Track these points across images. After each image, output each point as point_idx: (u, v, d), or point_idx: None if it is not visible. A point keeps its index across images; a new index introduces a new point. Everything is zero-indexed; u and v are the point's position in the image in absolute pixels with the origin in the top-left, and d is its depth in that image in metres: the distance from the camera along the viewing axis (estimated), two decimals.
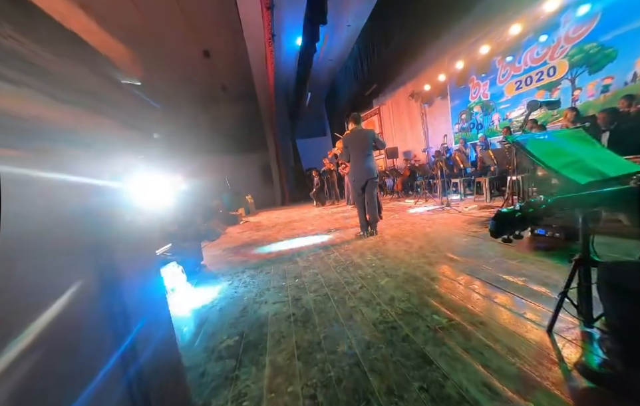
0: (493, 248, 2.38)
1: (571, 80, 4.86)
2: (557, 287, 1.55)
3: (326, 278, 2.28)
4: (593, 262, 1.12)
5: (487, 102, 6.58)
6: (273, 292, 2.16)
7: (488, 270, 1.95)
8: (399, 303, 1.69)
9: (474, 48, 6.16)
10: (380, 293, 1.86)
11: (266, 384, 1.18)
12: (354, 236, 3.61)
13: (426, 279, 1.98)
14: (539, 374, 1.01)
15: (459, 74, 6.80)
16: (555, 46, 4.97)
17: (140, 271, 0.76)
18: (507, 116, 6.11)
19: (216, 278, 2.75)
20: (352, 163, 3.38)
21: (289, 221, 6.40)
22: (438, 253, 2.49)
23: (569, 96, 4.90)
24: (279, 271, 2.66)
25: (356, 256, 2.75)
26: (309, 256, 3.01)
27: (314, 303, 1.85)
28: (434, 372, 1.09)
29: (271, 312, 1.82)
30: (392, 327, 1.44)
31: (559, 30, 4.85)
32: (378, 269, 2.30)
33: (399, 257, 2.52)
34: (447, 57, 7.07)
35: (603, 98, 4.41)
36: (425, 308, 1.58)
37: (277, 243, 4.00)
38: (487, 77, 6.38)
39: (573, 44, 4.70)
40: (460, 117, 7.46)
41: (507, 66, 5.88)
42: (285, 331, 1.57)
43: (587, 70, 4.60)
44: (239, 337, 1.58)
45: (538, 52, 5.26)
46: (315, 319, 1.65)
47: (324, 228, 4.61)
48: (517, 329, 1.28)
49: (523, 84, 5.67)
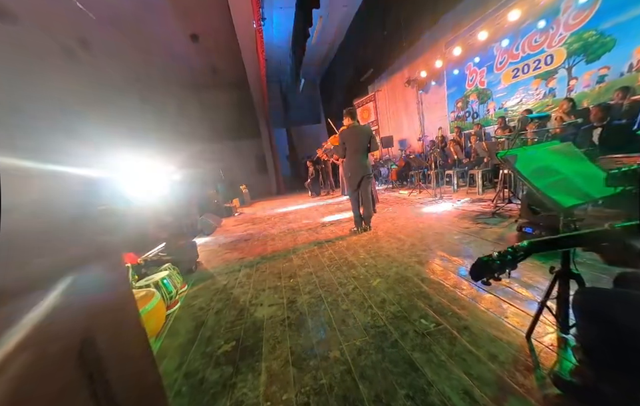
0: (482, 246, 2.45)
1: (568, 69, 4.81)
2: (539, 290, 1.64)
3: (321, 278, 2.34)
4: (572, 275, 1.18)
5: (483, 90, 6.50)
6: (269, 293, 2.22)
7: None
8: (389, 306, 1.75)
9: (471, 33, 5.99)
10: (372, 295, 1.92)
11: (262, 392, 1.24)
12: (348, 231, 3.66)
13: (416, 279, 2.04)
14: (516, 380, 1.09)
15: (456, 59, 6.65)
16: (554, 33, 4.87)
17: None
18: (503, 104, 6.07)
19: (212, 277, 2.80)
20: (348, 159, 3.36)
21: (284, 213, 6.42)
22: (428, 251, 2.56)
23: (565, 85, 4.87)
24: (275, 269, 2.71)
25: (349, 254, 2.80)
26: (303, 253, 3.06)
27: (308, 306, 1.91)
28: (420, 379, 1.17)
29: (267, 316, 1.88)
30: (382, 332, 1.51)
31: (559, 16, 4.74)
32: (370, 269, 2.36)
33: (391, 255, 2.58)
34: (444, 42, 6.88)
35: (598, 88, 4.40)
36: (414, 311, 1.65)
37: (273, 239, 4.04)
38: (485, 64, 6.26)
39: (572, 32, 4.61)
40: (455, 105, 7.38)
41: (505, 53, 5.77)
42: (280, 336, 1.63)
43: (585, 60, 4.55)
44: (235, 342, 1.64)
45: (536, 39, 5.16)
46: (308, 324, 1.71)
47: (319, 222, 4.65)
48: (499, 334, 1.35)
49: (520, 73, 5.59)
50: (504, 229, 2.79)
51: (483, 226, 2.98)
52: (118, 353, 0.68)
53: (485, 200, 4.16)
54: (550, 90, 5.13)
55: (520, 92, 5.68)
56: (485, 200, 4.16)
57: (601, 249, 0.70)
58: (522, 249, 0.69)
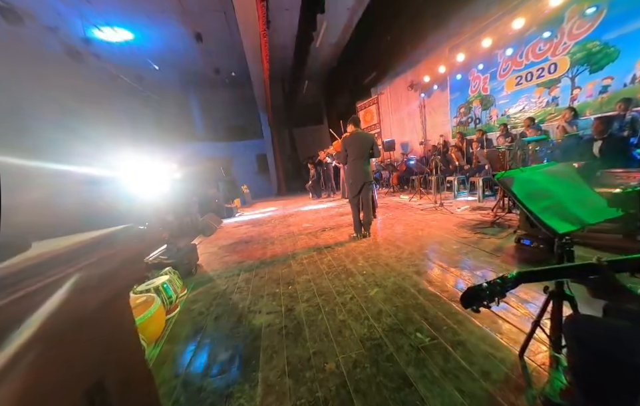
0: (479, 258, 2.47)
1: (571, 78, 4.80)
2: (535, 306, 1.65)
3: (319, 286, 2.36)
4: (565, 296, 1.20)
5: (486, 96, 6.49)
6: (267, 300, 2.24)
7: (473, 282, 2.03)
8: (386, 318, 1.77)
9: (475, 39, 5.98)
10: (369, 305, 1.95)
11: (258, 403, 1.27)
12: (348, 237, 3.68)
13: (413, 290, 2.06)
14: (507, 400, 1.10)
15: (459, 65, 6.64)
16: (558, 42, 4.86)
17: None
18: (506, 111, 6.07)
19: (212, 281, 2.83)
20: (350, 166, 3.40)
21: (284, 215, 6.44)
22: (427, 260, 2.58)
23: (568, 94, 4.86)
24: (274, 275, 2.74)
25: (348, 261, 2.83)
26: (302, 259, 3.08)
27: (305, 315, 1.94)
28: (413, 395, 1.19)
29: (265, 323, 1.91)
30: (378, 345, 1.53)
31: (563, 25, 4.73)
32: (368, 277, 2.38)
33: (390, 264, 2.60)
34: (448, 47, 6.87)
35: (601, 98, 4.39)
36: (410, 324, 1.67)
37: (272, 242, 4.07)
38: (488, 70, 6.25)
39: (576, 41, 4.60)
40: (458, 110, 7.37)
41: (509, 60, 5.76)
42: (277, 346, 1.66)
43: (588, 70, 4.54)
44: (233, 351, 1.67)
45: (540, 47, 5.14)
46: (305, 333, 1.74)
47: (319, 226, 4.68)
48: (493, 350, 1.37)
49: (523, 80, 5.58)
50: (502, 240, 2.80)
51: (481, 236, 2.99)
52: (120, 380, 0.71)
53: (485, 208, 4.17)
54: (553, 98, 5.12)
55: (523, 99, 5.68)
56: (485, 208, 4.17)
57: (588, 282, 0.72)
58: (510, 280, 0.71)
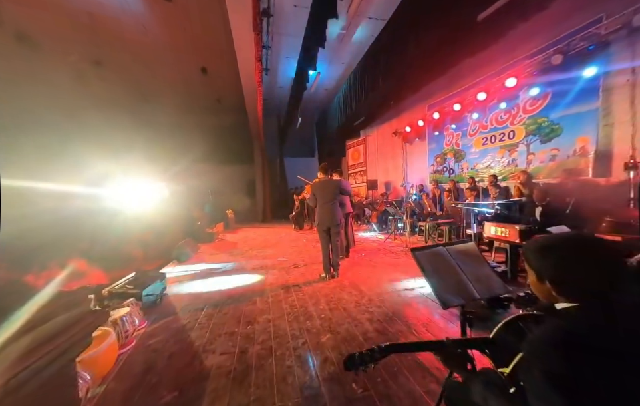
0: (432, 313, 2.66)
1: (526, 145, 5.46)
2: None
3: (277, 327, 2.46)
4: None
5: (459, 150, 7.17)
6: (224, 340, 2.31)
7: (412, 338, 2.20)
8: (330, 366, 1.89)
9: (448, 103, 6.77)
10: (318, 352, 2.06)
11: None
12: (317, 276, 3.82)
13: (361, 339, 2.20)
14: None
15: (435, 122, 7.39)
16: (515, 114, 5.60)
17: None
18: (475, 166, 6.69)
19: (174, 314, 2.86)
20: (319, 209, 3.67)
21: (264, 244, 6.53)
22: (382, 308, 2.74)
23: (524, 158, 5.49)
24: (237, 312, 2.81)
25: (311, 303, 2.95)
26: (268, 297, 3.18)
27: (257, 358, 2.03)
28: None
29: (215, 365, 1.98)
30: (315, 395, 1.64)
31: (519, 101, 5.50)
32: (325, 322, 2.51)
33: (348, 309, 2.75)
34: (426, 106, 7.70)
35: (551, 165, 5.00)
36: (349, 374, 1.80)
37: (244, 275, 4.14)
38: (460, 129, 6.99)
39: (529, 116, 5.33)
40: (435, 160, 8.02)
41: (477, 123, 6.49)
42: (222, 390, 1.73)
43: (539, 140, 5.21)
44: (178, 393, 1.72)
45: (502, 116, 5.89)
46: (252, 378, 1.82)
47: (293, 261, 4.80)
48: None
49: (488, 141, 6.27)
50: None
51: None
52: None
53: None
54: (512, 160, 5.76)
55: (489, 157, 6.32)
56: None
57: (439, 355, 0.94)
58: (380, 350, 0.91)
